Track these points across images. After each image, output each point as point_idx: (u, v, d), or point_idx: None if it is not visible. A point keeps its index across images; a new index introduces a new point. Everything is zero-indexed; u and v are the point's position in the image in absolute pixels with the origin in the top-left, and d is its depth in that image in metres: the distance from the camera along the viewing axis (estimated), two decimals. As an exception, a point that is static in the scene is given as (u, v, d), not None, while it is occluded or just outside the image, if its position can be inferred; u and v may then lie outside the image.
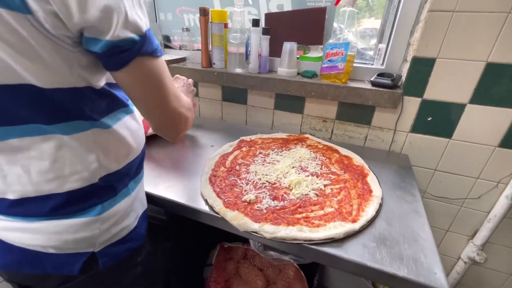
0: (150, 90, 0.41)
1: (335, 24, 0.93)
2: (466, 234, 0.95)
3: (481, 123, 0.78)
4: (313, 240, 0.50)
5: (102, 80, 0.41)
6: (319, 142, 0.89)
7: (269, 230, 0.51)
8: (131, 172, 0.49)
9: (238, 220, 0.54)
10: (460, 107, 0.78)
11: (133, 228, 0.50)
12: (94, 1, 0.31)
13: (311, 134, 0.96)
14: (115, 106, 0.45)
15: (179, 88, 0.82)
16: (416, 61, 0.77)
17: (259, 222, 0.53)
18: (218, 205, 0.58)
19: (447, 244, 0.98)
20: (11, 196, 0.39)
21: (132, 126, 0.48)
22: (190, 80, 0.86)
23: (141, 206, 0.54)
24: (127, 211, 0.48)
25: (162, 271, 0.70)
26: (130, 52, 0.36)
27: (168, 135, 0.51)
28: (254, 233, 0.53)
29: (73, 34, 0.33)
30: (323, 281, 0.98)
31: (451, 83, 0.76)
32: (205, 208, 0.60)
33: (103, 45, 0.34)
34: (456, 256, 0.99)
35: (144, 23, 0.37)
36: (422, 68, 0.77)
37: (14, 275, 0.45)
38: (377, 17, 0.99)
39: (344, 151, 0.83)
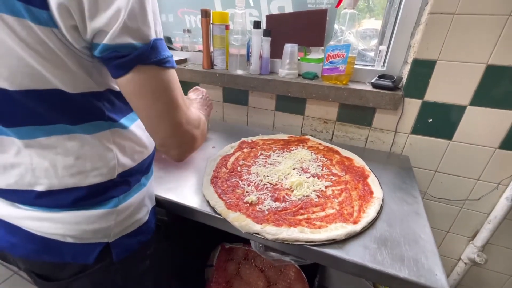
0: (154, 101, 0.40)
1: (335, 26, 0.94)
2: (466, 235, 0.95)
3: (481, 124, 0.78)
4: (315, 241, 0.51)
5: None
6: (320, 144, 0.89)
7: (271, 231, 0.52)
8: (143, 169, 0.52)
9: (240, 222, 0.54)
10: (461, 109, 0.78)
11: (145, 222, 0.52)
12: (105, 9, 0.33)
13: (312, 136, 0.96)
14: (131, 108, 0.46)
15: (197, 99, 0.82)
16: (416, 63, 0.77)
17: (261, 224, 0.54)
18: (220, 206, 0.59)
19: (448, 245, 0.99)
20: (39, 188, 0.42)
21: None
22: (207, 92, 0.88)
23: (151, 201, 0.57)
24: (140, 205, 0.51)
25: (165, 270, 0.70)
26: (129, 58, 0.36)
27: (172, 154, 0.50)
28: (256, 234, 0.53)
29: (89, 44, 0.36)
30: (324, 282, 0.98)
31: (451, 85, 0.76)
32: (207, 209, 0.60)
33: (101, 49, 0.35)
34: (456, 257, 0.99)
35: (153, 32, 0.37)
36: (422, 70, 0.78)
37: (33, 264, 0.47)
38: (377, 18, 0.99)
39: (345, 153, 0.83)
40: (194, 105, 0.81)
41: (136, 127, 0.48)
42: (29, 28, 0.32)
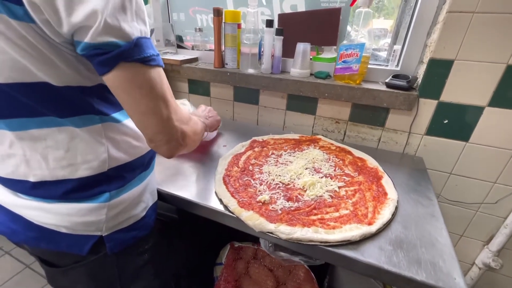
0: (140, 97, 0.40)
1: (348, 27, 0.93)
2: (481, 239, 0.93)
3: (499, 126, 0.76)
4: (329, 242, 0.50)
5: None
6: (332, 144, 0.88)
7: (285, 231, 0.51)
8: (141, 165, 0.52)
9: (254, 220, 0.54)
10: (478, 110, 0.76)
11: (141, 218, 0.53)
12: (81, 7, 0.33)
13: (323, 135, 0.95)
14: None
15: (198, 111, 0.84)
16: (433, 63, 0.76)
17: (275, 223, 0.53)
18: (233, 204, 0.59)
19: (461, 249, 0.97)
20: (32, 178, 0.43)
21: None
22: (210, 108, 0.88)
23: (151, 198, 0.57)
24: (136, 201, 0.51)
25: (172, 264, 0.70)
26: (111, 55, 0.36)
27: (162, 150, 0.47)
28: (269, 234, 0.53)
29: (69, 40, 0.36)
30: (333, 283, 0.97)
31: (469, 86, 0.75)
32: (220, 207, 0.60)
33: (82, 47, 0.35)
34: (470, 261, 0.97)
35: (135, 30, 0.37)
36: (439, 70, 0.76)
37: (35, 250, 0.50)
38: (386, 17, 0.98)
39: (357, 153, 0.82)
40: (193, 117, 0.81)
41: (131, 121, 0.48)
42: (8, 23, 0.33)
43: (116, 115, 0.46)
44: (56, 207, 0.44)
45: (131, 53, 0.37)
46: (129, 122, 0.48)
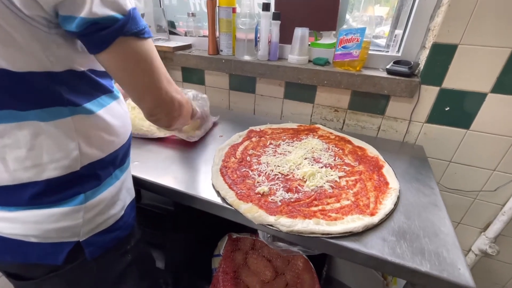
0: (138, 72, 0.40)
1: (347, 15, 0.89)
2: (478, 226, 0.93)
3: (501, 113, 0.74)
4: (331, 234, 0.49)
5: (83, 65, 0.40)
6: (331, 133, 0.86)
7: (285, 223, 0.50)
8: (116, 161, 0.48)
9: (253, 213, 0.52)
10: (481, 97, 0.74)
11: (120, 217, 0.49)
12: None
13: (322, 124, 0.93)
14: (99, 91, 0.43)
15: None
16: (436, 47, 0.73)
17: (275, 215, 0.52)
18: (231, 197, 0.57)
19: (458, 236, 0.96)
20: None
21: (117, 112, 0.46)
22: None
23: (129, 195, 0.53)
24: (113, 200, 0.47)
25: (153, 258, 0.66)
26: (111, 30, 0.34)
27: (162, 121, 0.48)
28: (269, 226, 0.51)
29: (48, 14, 0.32)
30: (332, 272, 0.97)
31: (472, 71, 0.72)
32: (217, 200, 0.58)
33: (78, 23, 0.32)
34: (467, 248, 0.98)
35: (128, 1, 0.36)
36: (442, 55, 0.73)
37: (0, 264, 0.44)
38: (382, 4, 0.94)
39: (357, 142, 0.80)
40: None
41: (106, 113, 0.43)
42: None
43: (88, 106, 0.41)
44: (21, 215, 0.38)
45: (129, 27, 0.35)
46: (102, 114, 0.43)
